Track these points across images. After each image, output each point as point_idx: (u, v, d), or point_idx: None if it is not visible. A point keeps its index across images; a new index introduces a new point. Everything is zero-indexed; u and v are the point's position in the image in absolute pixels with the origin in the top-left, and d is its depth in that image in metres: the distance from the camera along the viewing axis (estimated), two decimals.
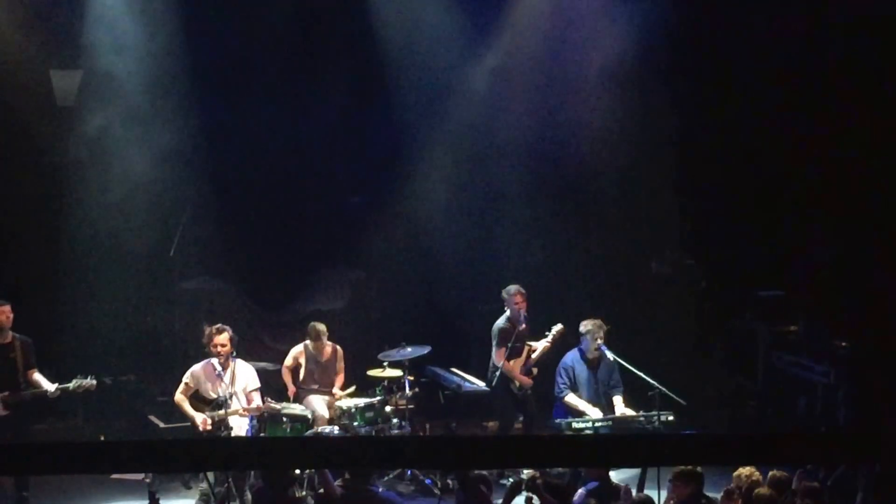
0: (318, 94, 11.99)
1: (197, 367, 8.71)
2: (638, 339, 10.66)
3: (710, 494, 7.56)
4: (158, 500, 6.89)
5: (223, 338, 8.51)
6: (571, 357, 9.47)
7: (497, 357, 9.94)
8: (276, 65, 11.85)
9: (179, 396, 8.69)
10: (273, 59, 11.83)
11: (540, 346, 9.99)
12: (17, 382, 9.05)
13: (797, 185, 11.28)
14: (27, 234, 11.64)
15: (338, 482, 7.50)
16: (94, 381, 9.17)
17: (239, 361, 8.69)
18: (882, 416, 9.75)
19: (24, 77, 11.33)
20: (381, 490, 7.74)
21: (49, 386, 9.08)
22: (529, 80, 11.86)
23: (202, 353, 8.97)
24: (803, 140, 11.17)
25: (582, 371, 9.40)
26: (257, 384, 8.85)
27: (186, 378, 8.70)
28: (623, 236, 12.15)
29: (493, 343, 10.00)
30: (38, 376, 9.18)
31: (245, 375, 8.69)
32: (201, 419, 8.57)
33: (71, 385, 9.06)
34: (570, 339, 9.78)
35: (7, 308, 9.13)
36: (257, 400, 8.76)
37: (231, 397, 8.52)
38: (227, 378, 8.52)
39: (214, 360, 8.67)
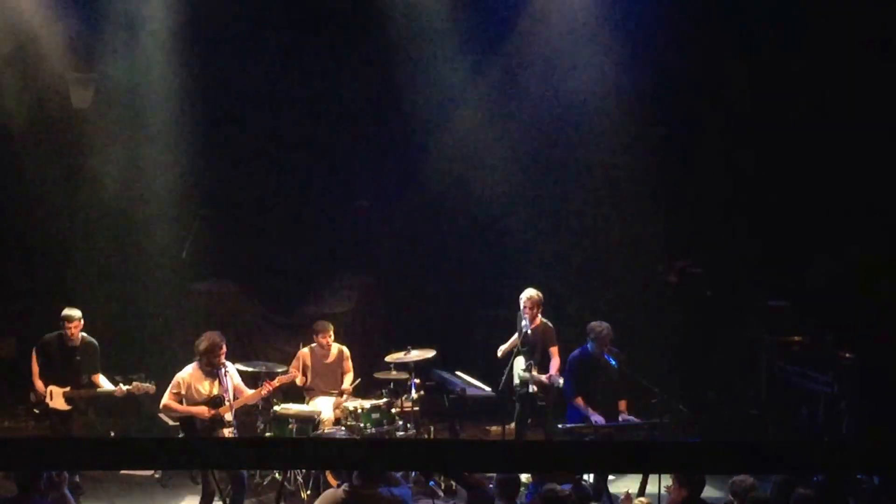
0: (328, 99, 12.15)
1: (185, 373, 8.74)
2: (642, 346, 10.70)
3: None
4: None
5: (224, 346, 8.73)
6: (577, 355, 9.46)
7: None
8: (286, 68, 12.01)
9: (169, 402, 8.73)
10: (284, 62, 11.99)
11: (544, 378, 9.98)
12: (80, 381, 9.41)
13: (804, 195, 11.33)
14: (41, 236, 11.84)
15: (343, 486, 7.42)
16: (153, 385, 9.43)
17: (227, 363, 8.86)
18: (885, 427, 9.82)
19: (42, 80, 11.54)
20: (394, 490, 7.55)
21: (110, 386, 9.44)
22: (536, 83, 11.97)
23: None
24: (813, 151, 11.23)
25: (588, 369, 9.36)
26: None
27: (174, 387, 8.72)
28: (629, 244, 12.24)
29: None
30: (101, 379, 9.52)
31: (236, 375, 8.94)
32: (201, 409, 8.68)
33: (131, 386, 9.44)
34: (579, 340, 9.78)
35: (76, 323, 9.38)
36: (247, 393, 8.98)
37: (224, 397, 8.72)
38: (225, 381, 8.70)
39: (196, 364, 8.77)
